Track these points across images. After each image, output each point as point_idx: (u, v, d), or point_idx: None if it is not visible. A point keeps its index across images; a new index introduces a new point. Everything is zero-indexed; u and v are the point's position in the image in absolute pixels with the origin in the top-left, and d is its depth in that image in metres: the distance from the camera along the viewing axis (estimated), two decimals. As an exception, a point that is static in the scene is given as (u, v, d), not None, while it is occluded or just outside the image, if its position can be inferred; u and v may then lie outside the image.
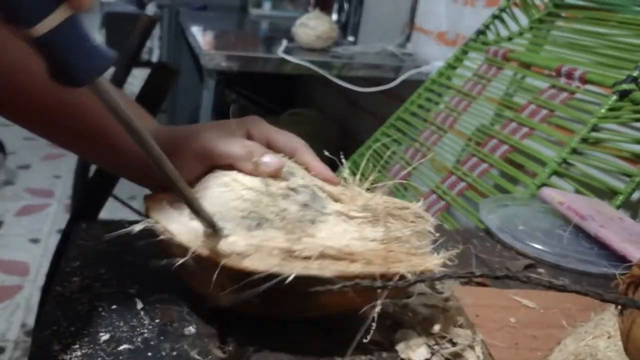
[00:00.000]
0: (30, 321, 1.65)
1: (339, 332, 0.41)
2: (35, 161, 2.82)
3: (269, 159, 0.43)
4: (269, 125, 0.49)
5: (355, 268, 0.38)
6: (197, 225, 0.39)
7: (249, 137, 0.47)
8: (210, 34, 1.80)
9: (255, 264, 0.36)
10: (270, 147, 0.47)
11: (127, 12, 3.94)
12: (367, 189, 0.47)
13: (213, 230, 0.38)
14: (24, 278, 1.85)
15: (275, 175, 0.43)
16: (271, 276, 0.36)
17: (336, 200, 0.45)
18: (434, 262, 0.40)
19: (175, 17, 2.41)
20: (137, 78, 1.98)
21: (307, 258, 0.38)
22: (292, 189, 0.42)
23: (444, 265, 0.41)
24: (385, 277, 0.38)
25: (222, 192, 0.41)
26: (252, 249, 0.37)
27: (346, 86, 1.49)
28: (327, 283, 0.36)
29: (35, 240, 2.08)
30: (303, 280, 0.36)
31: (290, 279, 0.35)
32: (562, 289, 0.23)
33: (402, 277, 0.38)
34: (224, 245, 0.37)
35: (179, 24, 2.35)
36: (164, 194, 0.46)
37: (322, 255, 0.38)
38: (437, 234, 0.45)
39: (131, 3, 4.06)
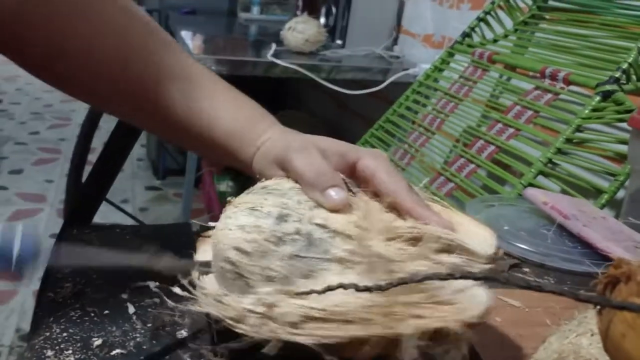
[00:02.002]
0: (25, 326, 1.65)
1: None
2: (27, 166, 2.81)
3: (333, 193, 0.39)
4: (384, 162, 0.43)
5: (344, 332, 0.33)
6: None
7: (353, 166, 0.43)
8: (200, 38, 1.81)
9: (245, 328, 0.34)
10: (374, 185, 0.42)
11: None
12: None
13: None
14: (18, 283, 1.85)
15: (337, 210, 0.39)
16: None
17: (347, 237, 0.37)
18: (461, 316, 0.33)
19: (164, 21, 2.41)
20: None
21: (292, 323, 0.33)
22: (279, 239, 0.37)
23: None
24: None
25: (216, 254, 0.39)
26: (241, 314, 0.35)
27: (335, 89, 1.50)
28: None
29: (27, 246, 2.08)
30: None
31: (268, 347, 0.33)
32: (539, 289, 0.24)
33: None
34: (220, 307, 0.36)
35: (168, 28, 2.36)
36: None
37: (308, 319, 0.33)
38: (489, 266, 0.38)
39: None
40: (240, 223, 0.38)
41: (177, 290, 0.38)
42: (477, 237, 0.40)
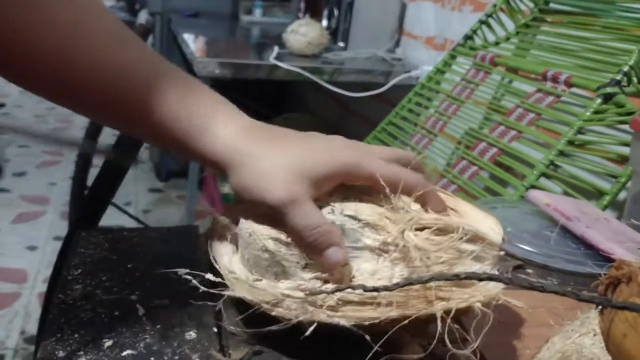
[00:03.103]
0: (29, 328, 1.66)
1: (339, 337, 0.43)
2: (30, 168, 2.82)
3: (331, 253, 0.38)
4: (380, 160, 0.42)
5: (378, 314, 0.36)
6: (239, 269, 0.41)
7: (349, 175, 0.41)
8: (202, 41, 1.82)
9: (282, 312, 0.37)
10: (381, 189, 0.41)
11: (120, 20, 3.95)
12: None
13: None
14: (22, 285, 1.86)
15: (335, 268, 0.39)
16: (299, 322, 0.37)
17: (376, 227, 0.40)
18: (485, 292, 0.38)
19: (167, 24, 2.42)
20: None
21: (330, 306, 0.37)
22: None
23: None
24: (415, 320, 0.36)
25: (249, 242, 0.41)
26: (278, 298, 0.37)
27: (337, 91, 1.51)
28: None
29: (32, 248, 2.09)
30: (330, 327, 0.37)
31: (310, 329, 0.36)
32: (542, 289, 0.25)
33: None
34: (255, 292, 0.39)
35: (171, 31, 2.37)
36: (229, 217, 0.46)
37: (345, 302, 0.37)
38: (501, 253, 0.42)
39: (123, 10, 4.06)
40: (267, 233, 0.39)
41: (209, 276, 0.40)
42: (485, 224, 0.43)
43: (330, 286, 0.37)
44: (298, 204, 0.38)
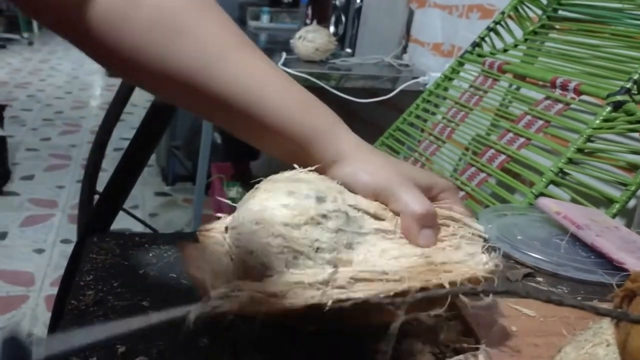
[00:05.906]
0: (37, 331, 1.66)
1: (351, 343, 0.43)
2: (39, 172, 2.84)
3: (429, 234, 0.44)
4: (458, 198, 0.49)
5: (389, 287, 0.38)
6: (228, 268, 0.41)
7: (433, 196, 0.48)
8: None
9: (293, 300, 0.37)
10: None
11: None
12: None
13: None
14: (29, 288, 1.87)
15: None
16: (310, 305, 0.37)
17: (376, 217, 0.45)
18: (482, 267, 0.41)
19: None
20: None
21: (341, 286, 0.38)
22: (323, 216, 0.41)
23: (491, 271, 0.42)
24: (423, 290, 0.38)
25: (255, 229, 0.41)
26: (289, 286, 0.38)
27: (344, 97, 1.51)
28: (361, 305, 0.37)
29: (39, 251, 2.10)
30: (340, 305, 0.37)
31: (327, 307, 0.36)
32: (560, 303, 0.25)
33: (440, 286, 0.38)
34: (262, 286, 0.38)
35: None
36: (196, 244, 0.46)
37: (356, 280, 0.39)
38: (487, 237, 0.47)
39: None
40: (283, 203, 0.41)
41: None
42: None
43: (342, 269, 0.39)
44: (411, 187, 0.45)
